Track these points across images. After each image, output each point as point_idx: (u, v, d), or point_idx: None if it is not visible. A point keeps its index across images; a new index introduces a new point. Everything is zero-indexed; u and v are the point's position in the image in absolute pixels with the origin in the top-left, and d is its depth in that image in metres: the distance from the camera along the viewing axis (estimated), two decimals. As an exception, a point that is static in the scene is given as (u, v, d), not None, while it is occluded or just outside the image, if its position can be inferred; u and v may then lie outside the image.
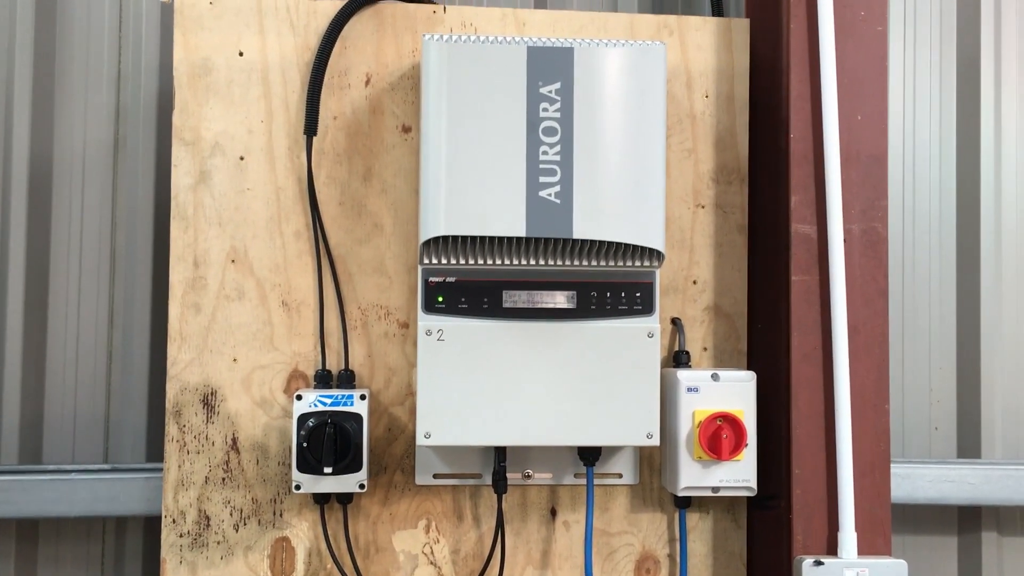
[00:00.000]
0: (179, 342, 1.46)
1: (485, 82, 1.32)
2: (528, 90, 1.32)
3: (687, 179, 1.54)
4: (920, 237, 1.80)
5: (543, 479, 1.50)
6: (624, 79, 1.34)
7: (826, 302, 1.44)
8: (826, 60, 1.44)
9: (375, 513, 1.49)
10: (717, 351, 1.54)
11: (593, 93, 1.33)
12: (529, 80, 1.32)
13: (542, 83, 1.32)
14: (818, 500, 1.42)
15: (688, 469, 1.42)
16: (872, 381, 1.44)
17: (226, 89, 1.48)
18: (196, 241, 1.47)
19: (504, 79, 1.32)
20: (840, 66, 1.45)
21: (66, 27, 1.67)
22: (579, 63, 1.33)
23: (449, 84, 1.33)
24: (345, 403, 1.38)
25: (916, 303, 1.80)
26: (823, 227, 1.45)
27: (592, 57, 1.33)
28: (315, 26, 1.49)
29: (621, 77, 1.34)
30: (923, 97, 1.82)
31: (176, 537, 1.46)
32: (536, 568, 1.51)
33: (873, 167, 1.46)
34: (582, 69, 1.33)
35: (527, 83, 1.32)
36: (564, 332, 1.37)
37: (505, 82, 1.32)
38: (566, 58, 1.33)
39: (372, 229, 1.50)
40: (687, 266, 1.54)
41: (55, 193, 1.66)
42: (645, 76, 1.35)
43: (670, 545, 1.53)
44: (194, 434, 1.46)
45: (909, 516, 1.78)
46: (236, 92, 1.48)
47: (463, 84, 1.33)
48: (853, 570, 1.37)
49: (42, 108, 1.66)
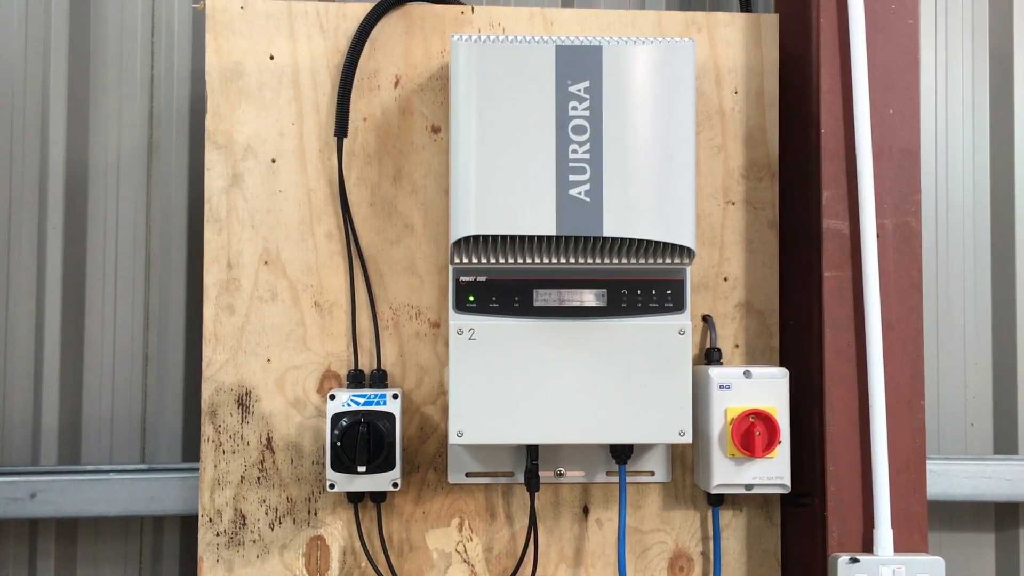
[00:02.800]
0: (214, 343, 1.48)
1: (514, 81, 1.33)
2: (557, 89, 1.32)
3: (717, 176, 1.54)
4: (954, 231, 1.78)
5: (575, 477, 1.50)
6: (653, 76, 1.34)
7: (859, 298, 1.43)
8: (857, 54, 1.43)
9: (408, 511, 1.50)
10: (749, 348, 1.53)
11: (622, 91, 1.33)
12: (558, 79, 1.32)
13: (571, 82, 1.33)
14: (853, 497, 1.41)
15: (721, 466, 1.42)
16: (907, 377, 1.42)
17: (257, 92, 1.50)
18: (229, 243, 1.49)
19: (533, 78, 1.33)
20: (871, 60, 1.44)
21: (100, 33, 1.69)
22: (608, 61, 1.33)
23: (478, 84, 1.33)
24: (378, 402, 1.39)
25: (951, 298, 1.78)
26: (855, 222, 1.44)
27: (621, 55, 1.33)
28: (344, 29, 1.51)
29: (650, 74, 1.34)
30: (955, 90, 1.80)
31: (213, 536, 1.47)
32: (569, 566, 1.51)
33: (905, 161, 1.45)
34: (611, 67, 1.33)
35: (556, 82, 1.32)
36: (595, 330, 1.37)
37: (534, 81, 1.32)
38: (595, 56, 1.33)
39: (403, 229, 1.51)
40: (718, 263, 1.53)
41: (91, 198, 1.68)
42: (674, 73, 1.35)
43: (703, 543, 1.52)
44: (229, 434, 1.48)
45: (945, 513, 1.76)
46: (267, 95, 1.50)
47: (492, 84, 1.33)
48: (889, 567, 1.36)
49: (77, 114, 1.68)
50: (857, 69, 1.43)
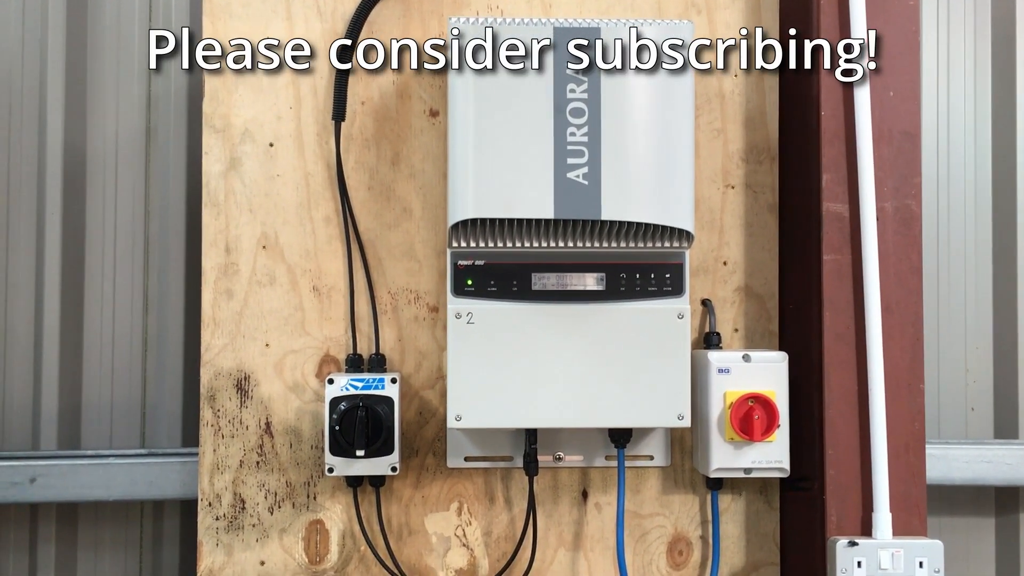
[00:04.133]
0: (212, 328, 1.48)
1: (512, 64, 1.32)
2: (555, 71, 1.32)
3: (716, 159, 1.53)
4: (955, 214, 1.78)
5: (574, 461, 1.50)
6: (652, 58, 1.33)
7: (859, 281, 1.42)
8: (857, 35, 1.42)
9: (407, 496, 1.50)
10: (748, 332, 1.53)
11: (621, 73, 1.32)
12: (556, 61, 1.32)
13: (569, 64, 1.32)
14: (852, 481, 1.41)
15: (720, 450, 1.41)
16: (906, 361, 1.42)
17: (255, 76, 1.49)
18: (228, 227, 1.48)
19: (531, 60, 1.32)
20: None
21: (97, 17, 1.69)
22: (606, 43, 1.32)
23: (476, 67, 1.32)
24: (376, 387, 1.39)
25: (951, 281, 1.77)
26: (855, 205, 1.43)
27: (619, 36, 1.32)
28: (342, 11, 1.50)
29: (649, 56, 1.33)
30: (957, 71, 1.79)
31: (212, 520, 1.48)
32: (568, 550, 1.51)
33: (906, 144, 1.44)
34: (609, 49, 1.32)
35: (554, 64, 1.32)
36: (594, 314, 1.37)
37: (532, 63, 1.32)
38: (593, 38, 1.32)
39: (401, 214, 1.50)
40: (717, 247, 1.53)
41: (89, 183, 1.68)
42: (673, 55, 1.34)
43: (702, 527, 1.52)
44: (228, 418, 1.48)
45: (945, 497, 1.76)
46: (264, 79, 1.49)
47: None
48: (888, 551, 1.36)
49: (75, 99, 1.68)
50: (857, 51, 1.42)
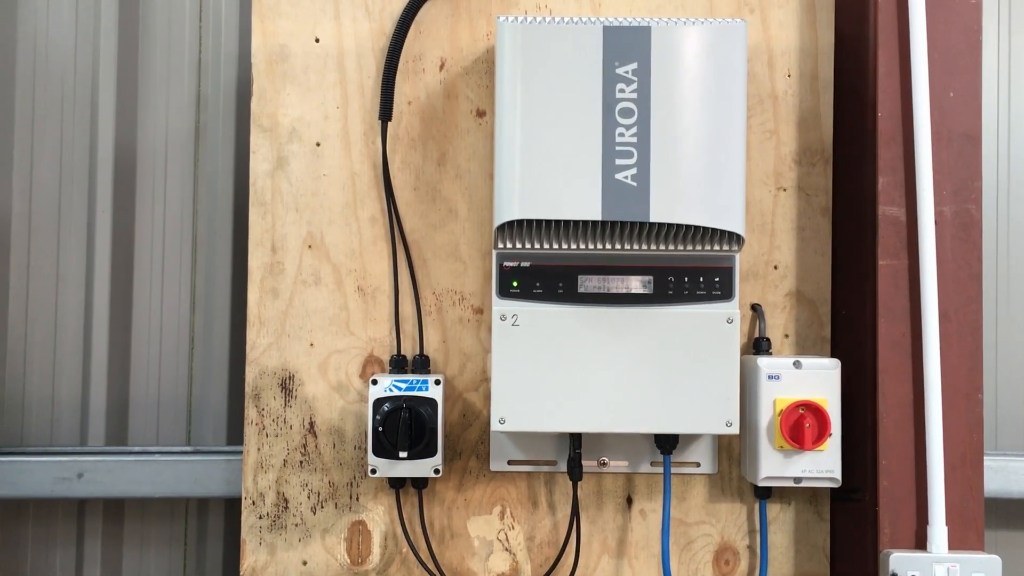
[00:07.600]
0: (258, 327, 1.48)
1: (560, 63, 1.30)
2: (604, 71, 1.30)
3: (768, 161, 1.50)
4: (1016, 219, 1.72)
5: (619, 467, 1.48)
6: (703, 58, 1.31)
7: (915, 287, 1.38)
8: (916, 35, 1.38)
9: (450, 498, 1.49)
10: (799, 338, 1.50)
11: (671, 73, 1.30)
12: (605, 60, 1.30)
13: (618, 63, 1.30)
14: (906, 492, 1.37)
15: (769, 459, 1.38)
16: (964, 369, 1.38)
17: (303, 75, 1.49)
18: (274, 227, 1.49)
19: (579, 60, 1.30)
20: (931, 41, 1.39)
21: (148, 17, 1.70)
22: (656, 42, 1.30)
23: (524, 66, 1.31)
24: (420, 388, 1.38)
25: (1011, 288, 1.72)
26: (912, 209, 1.39)
27: (670, 36, 1.30)
28: (390, 11, 1.49)
29: (700, 56, 1.31)
30: (1019, 72, 1.73)
31: (256, 519, 1.48)
32: (612, 557, 1.49)
33: (966, 146, 1.40)
34: (660, 48, 1.30)
35: (603, 63, 1.30)
36: (641, 318, 1.34)
37: (580, 63, 1.30)
38: (643, 37, 1.30)
39: (446, 214, 1.49)
40: (768, 251, 1.50)
41: (139, 181, 1.69)
42: (725, 55, 1.31)
43: (750, 536, 1.49)
44: (272, 417, 1.48)
45: (1003, 511, 1.71)
46: (312, 78, 1.49)
47: (538, 66, 1.31)
48: (944, 565, 1.31)
49: (126, 98, 1.70)
50: (916, 50, 1.38)
